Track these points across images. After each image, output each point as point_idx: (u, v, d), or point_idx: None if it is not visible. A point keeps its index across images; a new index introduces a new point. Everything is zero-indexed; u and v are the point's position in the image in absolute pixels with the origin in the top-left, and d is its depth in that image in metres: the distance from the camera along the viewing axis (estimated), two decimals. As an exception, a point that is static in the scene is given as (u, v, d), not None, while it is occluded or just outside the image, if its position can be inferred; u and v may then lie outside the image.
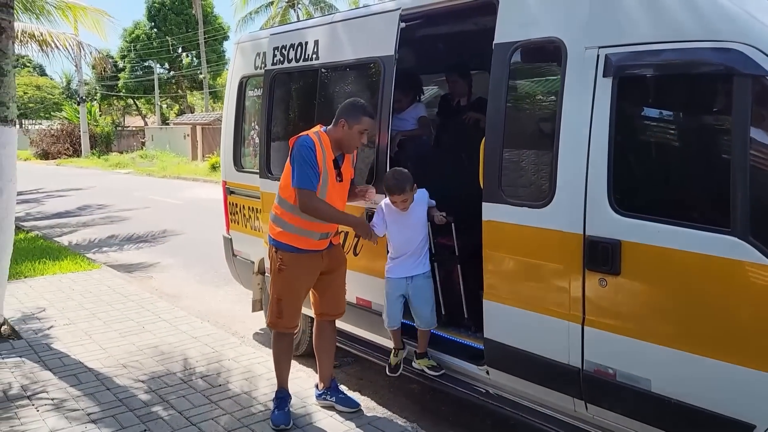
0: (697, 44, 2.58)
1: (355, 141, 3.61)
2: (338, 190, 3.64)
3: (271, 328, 3.84)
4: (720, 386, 2.58)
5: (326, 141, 3.58)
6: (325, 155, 3.54)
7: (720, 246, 2.50)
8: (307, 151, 3.47)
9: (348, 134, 3.57)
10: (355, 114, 3.56)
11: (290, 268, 3.64)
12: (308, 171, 3.46)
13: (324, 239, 3.68)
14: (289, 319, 3.74)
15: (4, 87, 5.27)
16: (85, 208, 14.82)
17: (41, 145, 36.95)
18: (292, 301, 3.73)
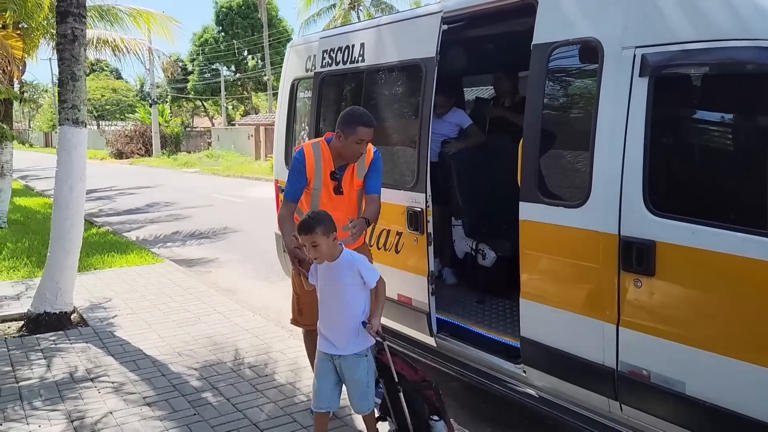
0: (734, 43, 2.55)
1: (353, 151, 3.54)
2: (335, 201, 3.62)
3: (294, 325, 3.97)
4: (755, 390, 2.53)
5: (326, 152, 3.59)
6: (321, 166, 3.57)
7: (756, 247, 2.46)
8: (295, 162, 3.58)
9: (345, 145, 3.54)
10: (351, 124, 3.51)
11: None
12: (289, 183, 3.58)
13: None
14: (308, 316, 3.78)
15: (76, 91, 5.61)
16: (153, 206, 15.51)
17: (116, 145, 38.80)
18: (307, 299, 3.81)
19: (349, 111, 3.67)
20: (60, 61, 5.60)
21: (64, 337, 5.25)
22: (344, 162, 3.64)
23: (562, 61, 3.28)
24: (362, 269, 3.14)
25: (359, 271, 3.13)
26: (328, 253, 3.09)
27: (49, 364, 4.64)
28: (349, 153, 3.58)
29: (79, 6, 5.59)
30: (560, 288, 3.27)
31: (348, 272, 3.13)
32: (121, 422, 3.75)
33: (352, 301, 3.16)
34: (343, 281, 3.14)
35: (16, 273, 7.50)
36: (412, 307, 4.21)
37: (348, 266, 3.14)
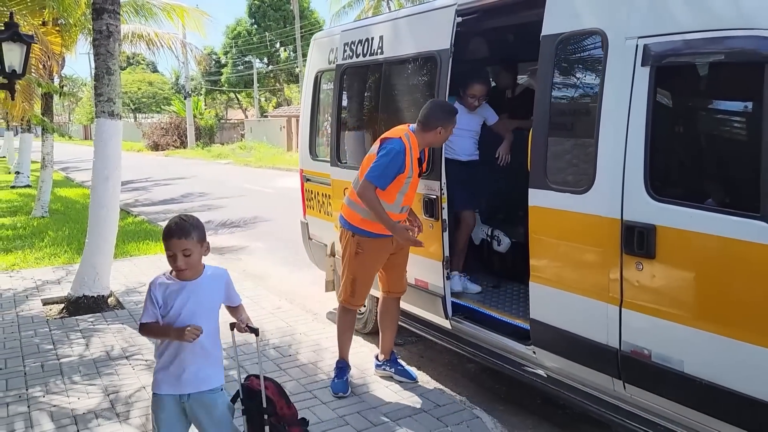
0: (733, 32, 2.62)
1: (446, 139, 3.93)
2: (415, 183, 3.94)
3: (344, 305, 4.15)
4: (749, 369, 2.62)
5: (414, 142, 3.85)
6: (413, 154, 3.83)
7: (750, 231, 2.54)
8: (398, 155, 3.75)
9: (443, 137, 3.89)
10: (449, 119, 3.88)
11: (367, 252, 3.95)
12: (387, 172, 3.75)
13: None
14: (359, 297, 4.08)
15: (111, 85, 5.88)
16: (187, 196, 15.95)
17: (152, 137, 39.73)
18: (366, 281, 4.04)
19: (442, 105, 3.95)
20: (96, 56, 5.88)
21: (102, 319, 5.56)
22: (423, 148, 3.96)
23: (569, 52, 3.37)
24: (229, 285, 2.81)
25: (226, 287, 2.79)
26: (197, 265, 2.68)
27: (88, 343, 4.94)
28: (442, 141, 3.96)
29: (113, 3, 5.86)
30: (567, 271, 3.39)
31: (212, 290, 2.73)
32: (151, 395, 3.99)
33: (212, 325, 2.73)
34: (205, 301, 2.70)
35: (57, 259, 7.88)
36: (429, 291, 4.36)
37: (213, 282, 2.74)
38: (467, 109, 4.51)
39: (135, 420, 3.68)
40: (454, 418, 3.69)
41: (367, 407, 3.84)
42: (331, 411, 3.78)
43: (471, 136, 4.64)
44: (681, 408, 2.94)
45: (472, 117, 4.61)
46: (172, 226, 2.65)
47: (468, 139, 4.62)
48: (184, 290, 2.68)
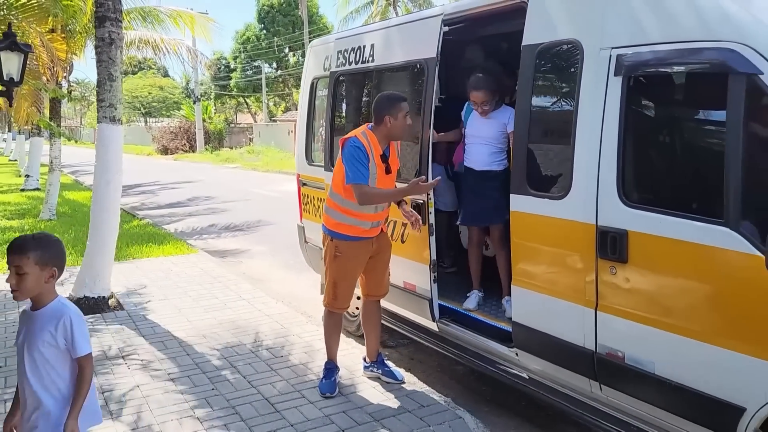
0: (698, 44, 2.71)
1: (402, 126, 3.93)
2: (387, 181, 3.99)
3: (328, 308, 4.24)
4: (714, 370, 2.69)
5: (373, 138, 3.93)
6: (373, 152, 3.90)
7: (714, 236, 2.62)
8: (356, 150, 3.85)
9: (396, 125, 3.90)
10: (396, 104, 3.90)
11: (345, 255, 4.04)
12: (359, 168, 3.83)
13: (375, 228, 4.06)
14: (342, 300, 4.16)
15: (113, 91, 6.03)
16: (193, 200, 16.11)
17: (161, 142, 40.05)
18: (347, 284, 4.13)
19: (387, 96, 4.04)
20: (98, 63, 6.03)
21: (101, 320, 5.69)
22: (387, 144, 3.99)
23: (547, 61, 3.47)
24: (74, 328, 2.35)
25: (68, 329, 2.35)
26: (33, 291, 2.35)
27: (86, 343, 5.06)
28: (399, 131, 3.96)
29: (115, 11, 6.00)
30: (546, 275, 3.47)
31: (51, 327, 2.34)
32: (146, 395, 4.11)
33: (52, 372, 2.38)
34: (36, 339, 2.35)
35: (61, 261, 8.02)
36: (416, 294, 4.45)
37: (53, 318, 2.35)
38: (480, 115, 4.36)
39: (127, 418, 3.79)
40: (437, 418, 3.77)
41: (352, 407, 3.93)
42: (317, 410, 3.88)
43: (483, 143, 4.35)
44: (653, 409, 3.01)
45: (485, 123, 4.33)
46: (16, 239, 2.38)
47: (479, 146, 4.37)
48: (24, 317, 2.41)
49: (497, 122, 4.30)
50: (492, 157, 4.33)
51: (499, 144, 4.30)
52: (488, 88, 4.26)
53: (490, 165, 4.33)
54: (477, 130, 4.39)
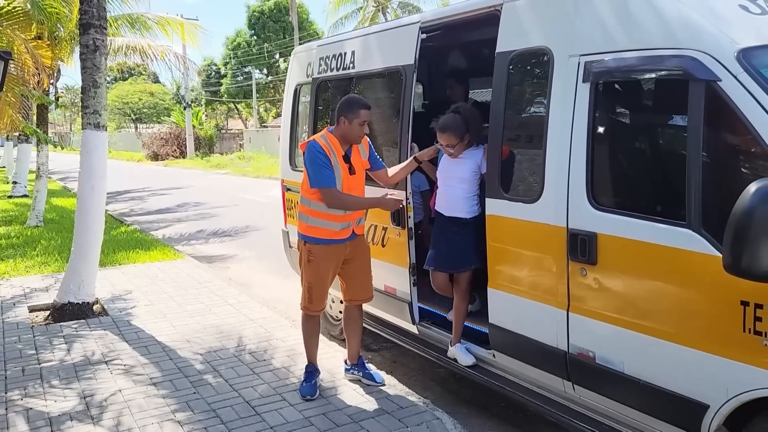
0: (661, 51, 2.79)
1: (358, 132, 3.96)
2: (353, 182, 4.04)
3: (304, 311, 4.29)
4: (680, 369, 2.77)
5: (333, 140, 3.98)
6: (335, 153, 3.95)
7: (677, 238, 2.70)
8: (316, 154, 3.90)
9: (350, 128, 3.94)
10: (354, 109, 3.92)
11: (317, 258, 4.09)
12: (323, 171, 3.89)
13: (345, 229, 4.09)
14: (317, 303, 4.20)
15: (97, 97, 6.06)
16: (182, 206, 16.12)
17: (152, 148, 40.00)
18: (321, 287, 4.18)
19: (348, 98, 4.10)
20: (83, 70, 6.06)
21: (85, 325, 5.70)
22: (347, 146, 4.03)
23: (520, 68, 3.55)
24: None
25: None
26: None
27: (69, 349, 5.08)
28: (354, 135, 3.98)
29: (100, 18, 6.04)
30: (520, 277, 3.54)
31: None
32: (128, 399, 4.14)
33: None
34: None
35: (47, 267, 8.04)
36: (397, 297, 4.51)
37: None
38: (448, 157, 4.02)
39: (107, 422, 3.82)
40: (416, 419, 3.82)
41: (333, 409, 3.97)
42: (297, 412, 3.92)
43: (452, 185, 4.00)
44: (623, 407, 3.08)
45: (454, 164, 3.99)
46: None
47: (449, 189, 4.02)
48: None
49: (470, 162, 3.95)
50: (462, 202, 3.98)
51: (472, 187, 3.95)
52: (455, 131, 3.88)
53: (459, 211, 3.99)
54: (446, 171, 4.05)
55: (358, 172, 4.08)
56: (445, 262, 4.13)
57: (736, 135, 2.63)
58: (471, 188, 3.98)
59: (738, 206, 2.23)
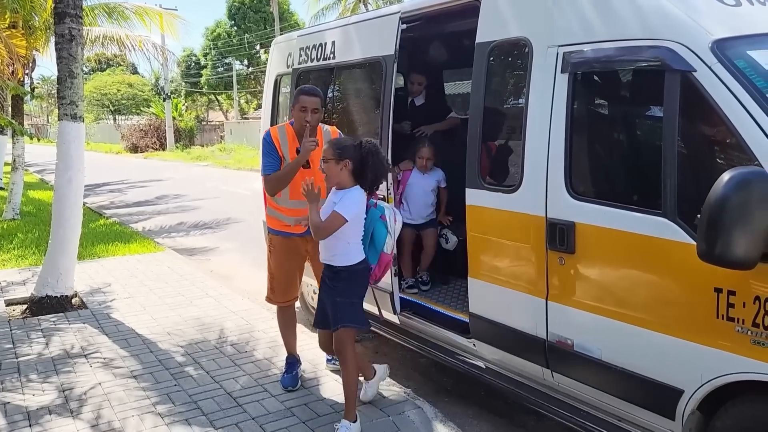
0: (639, 42, 2.82)
1: (299, 119, 3.85)
2: (306, 175, 3.79)
3: (268, 302, 4.31)
4: (655, 355, 2.81)
5: (290, 132, 3.96)
6: (287, 145, 3.92)
7: (653, 226, 2.74)
8: (264, 143, 3.94)
9: (294, 115, 3.91)
10: (295, 95, 3.93)
11: (277, 249, 4.13)
12: (264, 159, 3.93)
13: (299, 225, 3.94)
14: (280, 295, 4.19)
15: (74, 88, 5.97)
16: (162, 198, 15.97)
17: (131, 140, 39.50)
18: (280, 278, 4.17)
19: (298, 87, 4.10)
20: (58, 60, 5.96)
21: (64, 319, 5.64)
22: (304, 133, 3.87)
23: (499, 59, 3.56)
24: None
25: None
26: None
27: (47, 342, 5.03)
28: (297, 122, 3.90)
29: (75, 7, 5.93)
30: (499, 266, 3.57)
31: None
32: (107, 392, 4.11)
33: None
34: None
35: (24, 261, 7.93)
36: (378, 288, 4.51)
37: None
38: None
39: (87, 415, 3.79)
40: (397, 408, 3.85)
41: (314, 399, 3.98)
42: (279, 403, 3.92)
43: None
44: (600, 394, 3.12)
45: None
46: None
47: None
48: None
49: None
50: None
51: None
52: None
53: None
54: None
55: (314, 167, 3.86)
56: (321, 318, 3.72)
57: (711, 125, 2.67)
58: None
59: (712, 195, 2.27)
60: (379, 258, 3.64)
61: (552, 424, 3.59)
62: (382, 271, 3.73)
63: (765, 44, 2.76)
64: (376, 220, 3.57)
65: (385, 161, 3.55)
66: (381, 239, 3.58)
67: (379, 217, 3.58)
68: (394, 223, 3.66)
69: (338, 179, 3.43)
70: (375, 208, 3.59)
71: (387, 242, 3.61)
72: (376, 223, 3.57)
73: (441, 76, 5.63)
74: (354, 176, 3.43)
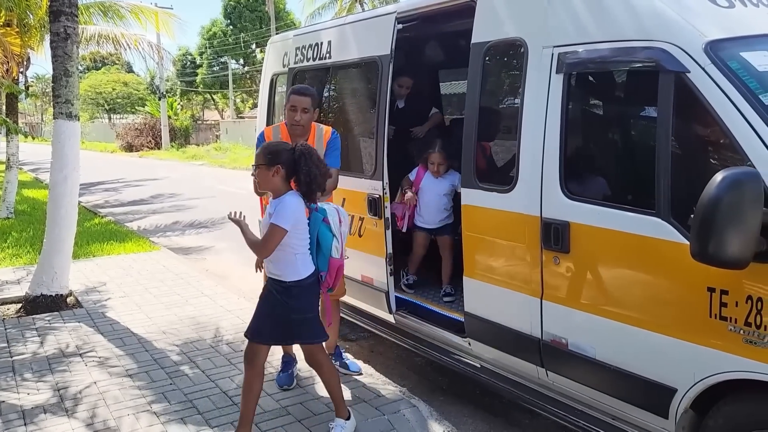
0: (633, 43, 2.84)
1: (290, 119, 3.86)
2: None
3: None
4: (649, 354, 2.83)
5: (284, 132, 3.95)
6: None
7: (646, 226, 2.75)
8: (258, 143, 3.89)
9: (286, 115, 3.90)
10: (287, 95, 3.93)
11: None
12: None
13: None
14: None
15: (69, 86, 5.96)
16: (158, 197, 15.94)
17: (126, 138, 39.37)
18: None
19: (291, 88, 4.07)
20: (54, 59, 5.95)
21: (59, 318, 5.63)
22: (298, 137, 3.85)
23: (494, 59, 3.58)
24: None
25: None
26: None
27: (42, 341, 5.02)
28: (288, 122, 3.90)
29: (70, 5, 5.92)
30: (494, 266, 3.58)
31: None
32: (102, 391, 4.11)
33: None
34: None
35: (18, 260, 7.91)
36: (374, 287, 4.53)
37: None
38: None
39: (82, 414, 3.79)
40: (392, 407, 3.86)
41: (310, 398, 3.99)
42: (274, 402, 3.93)
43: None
44: (595, 393, 3.14)
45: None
46: None
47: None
48: None
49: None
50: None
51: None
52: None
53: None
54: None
55: None
56: None
57: (704, 125, 2.69)
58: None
59: (705, 195, 2.29)
60: (328, 264, 3.41)
61: (546, 422, 3.61)
62: (334, 278, 3.47)
63: (757, 46, 2.78)
64: (319, 223, 3.35)
65: (320, 165, 3.32)
66: (327, 243, 3.36)
67: (322, 220, 3.36)
68: (339, 224, 3.43)
69: (271, 186, 3.26)
70: (317, 212, 3.36)
71: (334, 246, 3.38)
72: (319, 227, 3.35)
73: (437, 76, 5.64)
74: (287, 182, 3.26)
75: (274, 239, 3.20)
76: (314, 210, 3.36)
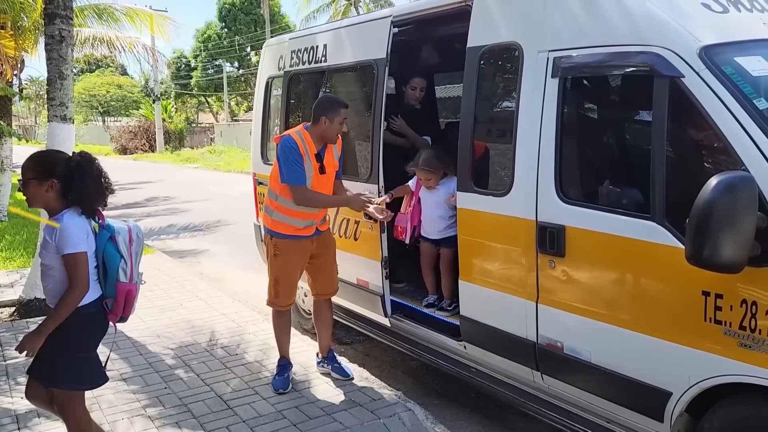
0: (628, 48, 2.85)
1: (337, 131, 3.97)
2: (322, 181, 4.02)
3: (270, 306, 4.29)
4: (644, 357, 2.84)
5: (308, 137, 3.96)
6: (308, 151, 3.94)
7: (642, 230, 2.76)
8: (290, 150, 3.89)
9: (330, 127, 3.93)
10: (335, 108, 3.92)
11: (284, 253, 4.10)
12: (295, 168, 3.88)
13: (309, 227, 4.06)
14: (284, 298, 4.20)
15: (64, 89, 5.94)
16: (152, 200, 15.90)
17: (120, 141, 39.25)
18: (288, 282, 4.18)
19: (328, 98, 4.10)
20: (48, 61, 5.93)
21: (53, 321, 5.59)
22: (323, 144, 4.00)
23: (490, 63, 3.59)
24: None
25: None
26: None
27: (36, 345, 4.98)
28: (332, 134, 3.98)
29: (65, 8, 5.91)
30: (490, 269, 3.59)
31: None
32: (96, 395, 4.05)
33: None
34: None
35: (12, 263, 7.87)
36: (369, 290, 4.53)
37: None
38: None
39: (76, 417, 3.77)
40: (388, 410, 3.86)
41: (305, 402, 3.98)
42: (270, 406, 3.92)
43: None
44: (590, 396, 3.15)
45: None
46: None
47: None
48: None
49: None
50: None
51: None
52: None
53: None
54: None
55: (328, 172, 4.04)
56: None
57: (698, 130, 2.71)
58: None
59: (700, 199, 2.30)
60: (116, 289, 2.89)
61: (542, 426, 3.62)
62: (122, 306, 2.95)
63: (752, 51, 2.80)
64: (106, 242, 2.87)
65: (100, 176, 2.88)
66: (113, 265, 2.86)
67: (109, 239, 2.88)
68: (128, 243, 2.93)
69: (44, 202, 2.82)
70: (104, 229, 2.90)
71: (121, 267, 2.87)
72: (105, 246, 2.86)
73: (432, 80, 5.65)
74: (64, 198, 2.81)
75: (81, 268, 2.73)
76: (102, 227, 2.91)
